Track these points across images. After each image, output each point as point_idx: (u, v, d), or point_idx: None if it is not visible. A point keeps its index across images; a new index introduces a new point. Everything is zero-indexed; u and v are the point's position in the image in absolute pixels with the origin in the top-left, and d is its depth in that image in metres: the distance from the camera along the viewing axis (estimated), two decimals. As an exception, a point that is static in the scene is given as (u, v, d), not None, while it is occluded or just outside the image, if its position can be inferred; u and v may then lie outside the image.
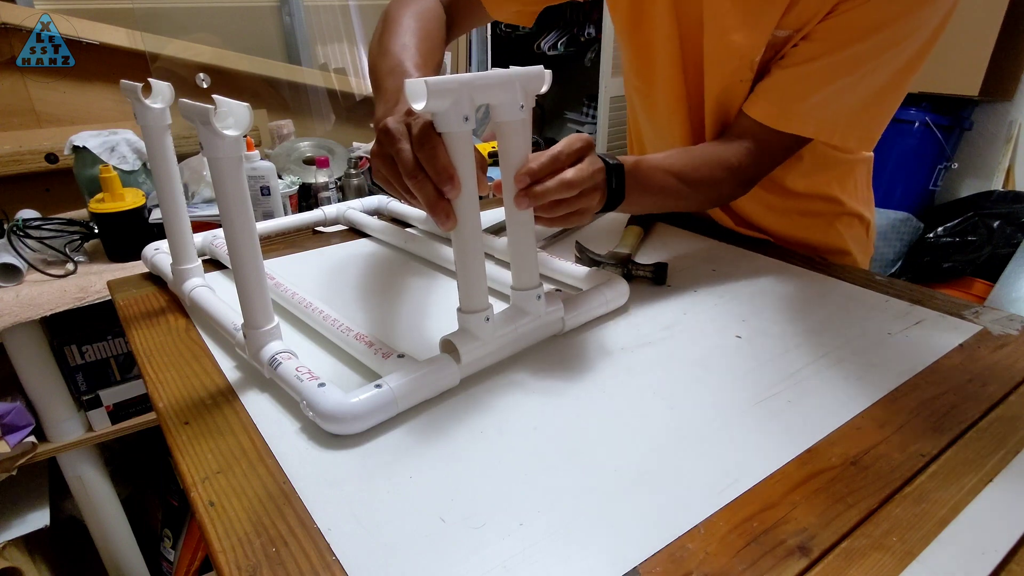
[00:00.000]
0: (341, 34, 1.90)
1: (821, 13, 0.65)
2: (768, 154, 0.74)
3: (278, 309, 0.63)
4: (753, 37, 0.68)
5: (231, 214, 0.48)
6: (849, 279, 0.72)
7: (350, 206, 0.94)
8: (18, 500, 1.19)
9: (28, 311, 1.02)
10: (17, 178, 1.34)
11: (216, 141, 0.45)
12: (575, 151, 0.56)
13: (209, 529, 0.39)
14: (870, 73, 0.66)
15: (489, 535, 0.38)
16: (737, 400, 0.51)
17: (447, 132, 0.47)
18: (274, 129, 1.69)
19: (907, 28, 0.63)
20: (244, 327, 0.54)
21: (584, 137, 0.57)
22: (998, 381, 0.53)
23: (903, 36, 0.64)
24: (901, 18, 0.62)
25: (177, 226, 0.65)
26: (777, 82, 0.70)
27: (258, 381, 0.55)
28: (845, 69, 0.66)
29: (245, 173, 0.49)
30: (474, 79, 0.46)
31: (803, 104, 0.68)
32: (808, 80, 0.68)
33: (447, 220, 0.49)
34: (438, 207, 0.48)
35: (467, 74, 0.46)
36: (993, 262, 1.91)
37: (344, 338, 0.57)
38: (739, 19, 0.68)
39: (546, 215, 0.56)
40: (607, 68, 2.60)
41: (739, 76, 0.72)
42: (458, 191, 0.48)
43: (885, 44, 0.64)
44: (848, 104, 0.68)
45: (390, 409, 0.48)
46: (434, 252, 0.78)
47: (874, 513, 0.40)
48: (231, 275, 0.71)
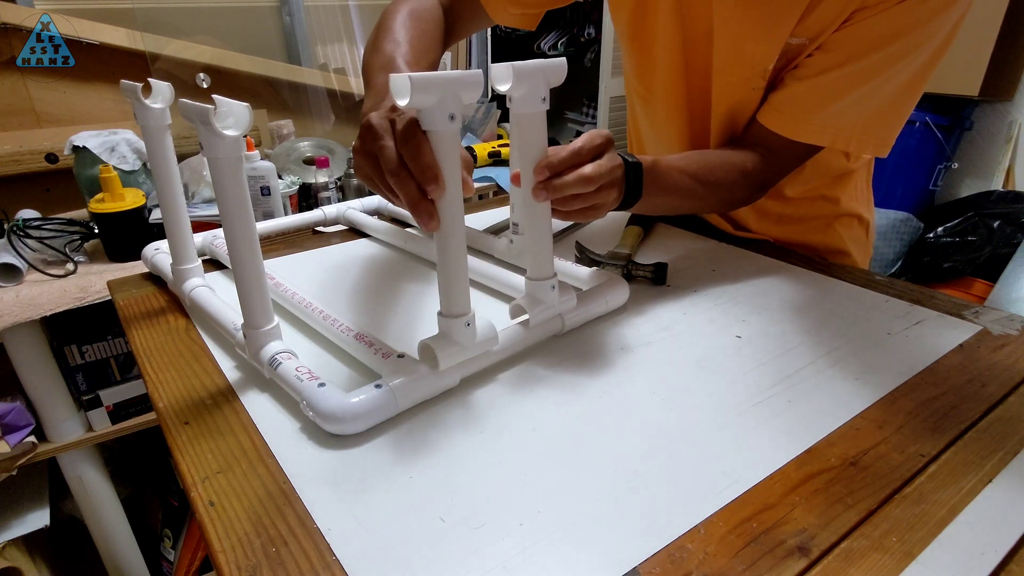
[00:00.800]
0: (341, 34, 1.90)
1: (837, 22, 0.64)
2: (782, 161, 0.74)
3: (278, 309, 0.63)
4: (766, 45, 0.68)
5: (231, 214, 0.48)
6: (849, 279, 0.72)
7: (350, 206, 0.94)
8: (18, 500, 1.19)
9: (28, 311, 1.02)
10: (17, 178, 1.34)
11: (216, 141, 0.45)
12: (595, 147, 0.56)
13: (209, 529, 0.39)
14: (886, 81, 0.65)
15: (489, 535, 0.38)
16: (736, 400, 0.51)
17: (432, 130, 0.46)
18: (274, 129, 1.69)
19: (923, 35, 0.63)
20: (244, 327, 0.54)
21: (604, 133, 0.57)
22: (998, 381, 0.53)
23: (919, 43, 0.63)
24: (918, 26, 0.62)
25: (177, 226, 0.65)
26: (793, 94, 0.70)
27: (258, 381, 0.55)
28: (861, 79, 0.66)
29: (245, 173, 0.49)
30: (461, 76, 0.45)
31: (819, 115, 0.68)
32: (824, 91, 0.67)
33: (429, 221, 0.47)
34: (420, 207, 0.47)
35: (454, 71, 0.45)
36: (993, 262, 1.91)
37: (344, 338, 0.57)
38: (753, 27, 0.68)
39: (562, 208, 0.56)
40: (607, 68, 2.60)
41: (751, 84, 0.72)
42: (442, 191, 0.46)
43: (901, 52, 0.63)
44: (864, 112, 0.68)
45: (390, 409, 0.48)
46: (434, 252, 0.77)
47: (873, 514, 0.40)
48: (231, 275, 0.71)
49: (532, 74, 0.50)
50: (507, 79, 0.50)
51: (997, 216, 1.94)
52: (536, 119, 0.52)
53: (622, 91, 2.69)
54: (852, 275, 0.73)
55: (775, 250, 0.82)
